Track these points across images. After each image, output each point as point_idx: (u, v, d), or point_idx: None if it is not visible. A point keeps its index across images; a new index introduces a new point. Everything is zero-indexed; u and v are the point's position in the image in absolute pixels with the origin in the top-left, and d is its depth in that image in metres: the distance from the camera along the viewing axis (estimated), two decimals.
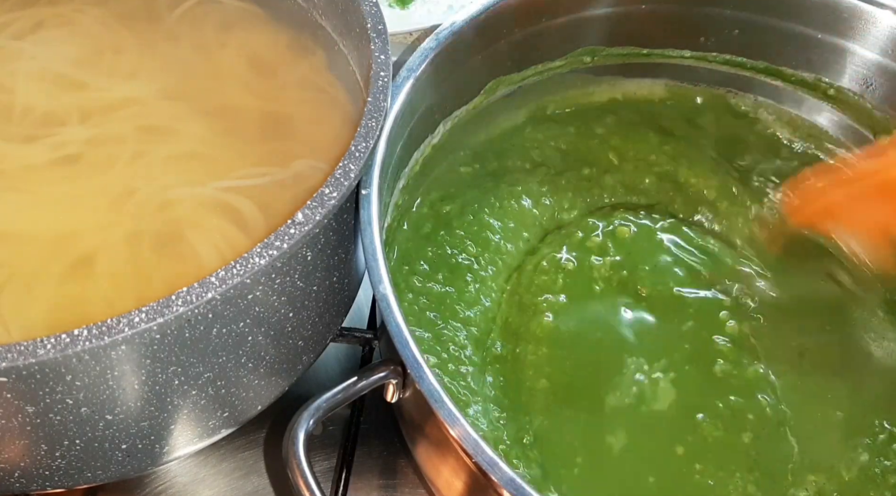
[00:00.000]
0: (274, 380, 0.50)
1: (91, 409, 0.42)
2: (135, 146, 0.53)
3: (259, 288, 0.43)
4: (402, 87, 0.55)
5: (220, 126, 0.54)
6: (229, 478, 0.59)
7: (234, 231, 0.49)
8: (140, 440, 0.46)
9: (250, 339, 0.45)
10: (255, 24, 0.60)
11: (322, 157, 0.52)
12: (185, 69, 0.57)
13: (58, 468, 0.45)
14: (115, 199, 0.50)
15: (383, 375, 0.48)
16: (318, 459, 0.60)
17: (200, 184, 0.51)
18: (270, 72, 0.58)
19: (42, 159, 0.52)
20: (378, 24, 0.52)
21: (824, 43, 0.67)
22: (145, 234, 0.49)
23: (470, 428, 0.42)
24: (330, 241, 0.47)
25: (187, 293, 0.39)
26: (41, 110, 0.54)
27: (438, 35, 0.59)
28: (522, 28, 0.64)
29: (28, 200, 0.50)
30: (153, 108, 0.55)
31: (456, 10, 0.62)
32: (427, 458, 0.52)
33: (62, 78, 0.56)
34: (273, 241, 0.41)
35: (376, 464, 0.60)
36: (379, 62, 0.50)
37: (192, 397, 0.45)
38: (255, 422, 0.52)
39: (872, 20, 0.64)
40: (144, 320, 0.38)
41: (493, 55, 0.64)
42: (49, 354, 0.37)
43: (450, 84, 0.62)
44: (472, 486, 0.47)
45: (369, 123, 0.47)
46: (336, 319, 0.53)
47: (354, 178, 0.44)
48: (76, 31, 0.59)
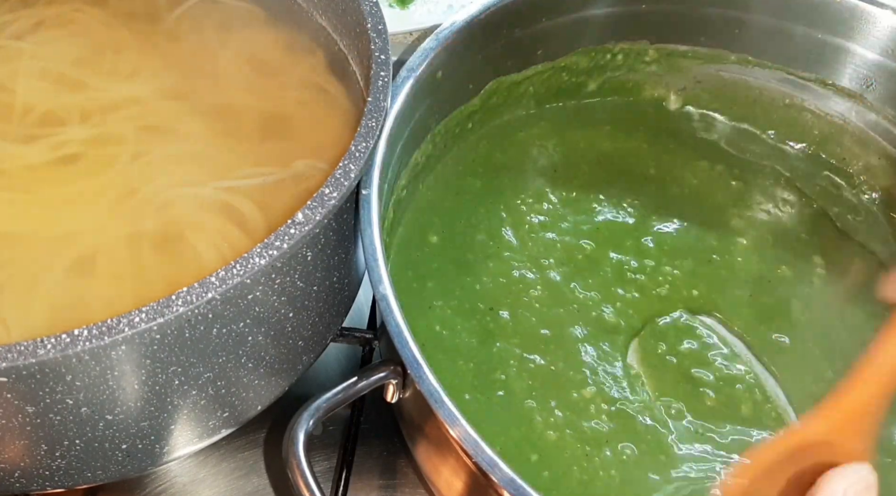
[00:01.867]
0: (274, 380, 0.50)
1: (91, 409, 0.42)
2: (135, 146, 0.53)
3: (259, 288, 0.43)
4: (402, 87, 0.55)
5: (220, 126, 0.54)
6: (229, 478, 0.59)
7: (234, 231, 0.49)
8: (140, 440, 0.46)
9: (250, 339, 0.45)
10: (255, 24, 0.60)
11: (322, 157, 0.52)
12: (186, 69, 0.57)
13: (58, 468, 0.45)
14: (115, 199, 0.50)
15: (383, 375, 0.48)
16: (318, 459, 0.60)
17: (200, 184, 0.51)
18: (270, 72, 0.58)
19: (42, 159, 0.52)
20: (378, 24, 0.52)
21: (824, 43, 0.67)
22: (145, 234, 0.49)
23: (470, 428, 0.42)
24: (330, 240, 0.47)
25: (187, 293, 0.39)
26: (41, 110, 0.54)
27: (438, 35, 0.59)
28: (522, 28, 0.64)
29: (28, 200, 0.50)
30: (153, 107, 0.55)
31: (456, 10, 0.62)
32: (427, 458, 0.52)
33: (62, 78, 0.56)
34: (273, 241, 0.41)
35: (376, 464, 0.60)
36: (379, 62, 0.50)
37: (192, 397, 0.45)
38: (255, 422, 0.52)
39: (872, 20, 0.64)
40: (144, 320, 0.38)
41: (493, 55, 0.64)
42: (49, 354, 0.37)
43: (450, 84, 0.62)
44: (472, 486, 0.47)
45: (369, 123, 0.47)
46: (336, 319, 0.53)
47: (354, 178, 0.44)
48: (76, 31, 0.59)
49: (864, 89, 0.67)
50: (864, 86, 0.67)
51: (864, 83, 0.67)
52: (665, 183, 0.69)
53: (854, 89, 0.68)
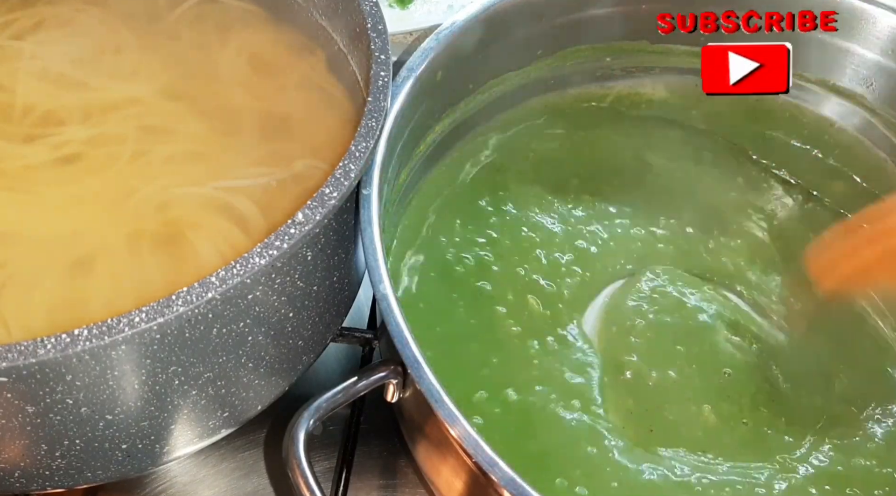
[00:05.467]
0: (274, 380, 0.50)
1: (91, 409, 0.42)
2: (135, 146, 0.52)
3: (259, 288, 0.43)
4: (402, 87, 0.55)
5: (220, 126, 0.54)
6: (229, 478, 0.59)
7: (234, 231, 0.49)
8: (140, 440, 0.46)
9: (250, 339, 0.45)
10: (255, 23, 0.60)
11: (322, 156, 0.52)
12: (186, 69, 0.57)
13: (58, 468, 0.45)
14: (115, 198, 0.50)
15: (383, 375, 0.48)
16: (318, 459, 0.60)
17: (200, 184, 0.51)
18: (270, 72, 0.58)
19: (42, 159, 0.52)
20: (378, 24, 0.52)
21: (825, 43, 0.67)
22: (145, 234, 0.49)
23: (470, 427, 0.42)
24: (330, 240, 0.47)
25: (187, 293, 0.39)
26: (41, 110, 0.54)
27: (438, 35, 0.59)
28: (523, 27, 0.64)
29: (28, 200, 0.50)
30: (153, 107, 0.55)
31: (456, 10, 0.62)
32: (427, 458, 0.52)
33: (62, 77, 0.56)
34: (273, 241, 0.41)
35: (376, 464, 0.60)
36: (379, 62, 0.50)
37: (192, 397, 0.45)
38: (255, 422, 0.52)
39: (872, 20, 0.64)
40: (144, 320, 0.38)
41: (493, 55, 0.64)
42: (49, 354, 0.37)
43: (450, 84, 0.62)
44: (472, 486, 0.47)
45: (369, 123, 0.47)
46: (336, 319, 0.53)
47: (354, 178, 0.44)
48: (76, 31, 0.59)
49: (864, 89, 0.67)
50: (865, 86, 0.67)
51: (864, 83, 0.67)
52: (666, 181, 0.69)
53: (854, 89, 0.68)
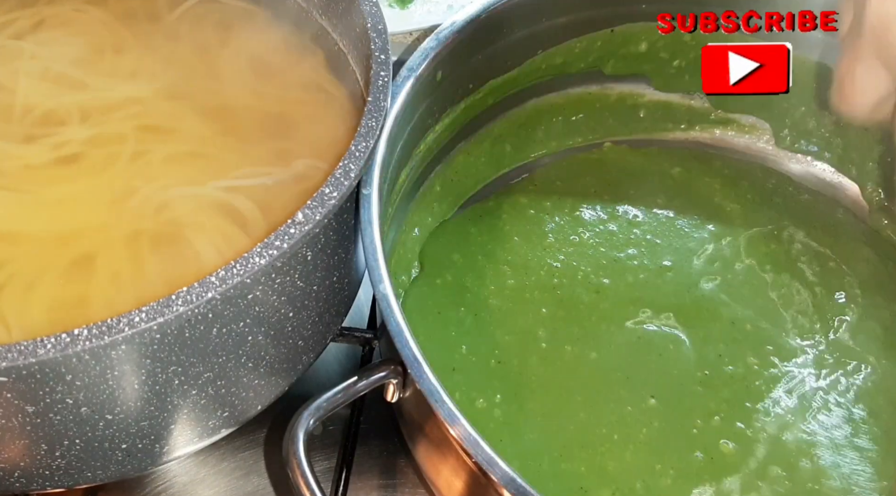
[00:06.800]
0: (274, 380, 0.50)
1: (91, 409, 0.42)
2: (135, 146, 0.52)
3: (259, 288, 0.43)
4: (402, 87, 0.55)
5: (220, 126, 0.54)
6: (229, 478, 0.59)
7: (234, 231, 0.49)
8: (140, 440, 0.46)
9: (250, 339, 0.45)
10: (255, 23, 0.60)
11: (322, 156, 0.52)
12: (186, 69, 0.57)
13: (58, 468, 0.45)
14: (115, 198, 0.50)
15: (383, 375, 0.48)
16: (318, 459, 0.60)
17: (200, 184, 0.51)
18: (270, 71, 0.58)
19: (42, 159, 0.52)
20: (378, 24, 0.52)
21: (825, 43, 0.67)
22: (145, 233, 0.49)
23: (470, 427, 0.42)
24: (330, 240, 0.47)
25: (187, 293, 0.39)
26: (41, 110, 0.54)
27: (438, 35, 0.59)
28: (523, 28, 0.64)
29: (28, 200, 0.50)
30: (153, 107, 0.55)
31: (456, 10, 0.62)
32: (427, 458, 0.52)
33: (62, 77, 0.56)
34: (273, 241, 0.41)
35: (376, 464, 0.60)
36: (379, 62, 0.50)
37: (192, 397, 0.45)
38: (255, 422, 0.52)
39: None
40: (144, 320, 0.38)
41: (493, 55, 0.64)
42: (49, 354, 0.37)
43: (450, 84, 0.61)
44: (472, 486, 0.47)
45: (369, 123, 0.47)
46: (336, 319, 0.53)
47: (355, 177, 0.44)
48: (76, 31, 0.59)
49: None
50: None
51: None
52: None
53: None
